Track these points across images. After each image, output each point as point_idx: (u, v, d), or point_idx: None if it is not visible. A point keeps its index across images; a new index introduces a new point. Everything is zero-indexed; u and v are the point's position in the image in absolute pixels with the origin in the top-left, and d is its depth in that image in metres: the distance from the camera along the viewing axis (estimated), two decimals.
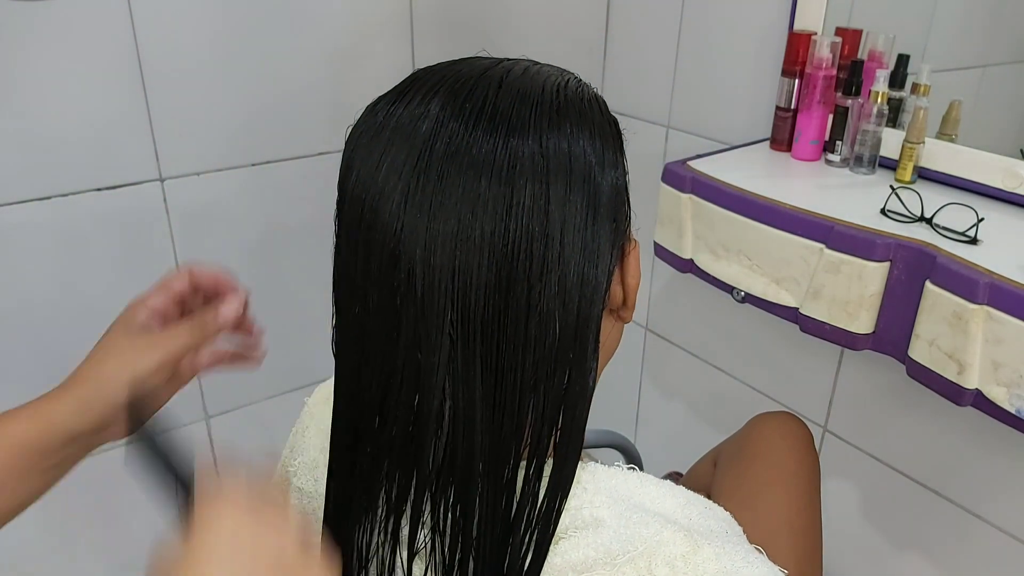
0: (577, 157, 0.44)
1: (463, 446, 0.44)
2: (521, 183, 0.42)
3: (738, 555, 0.46)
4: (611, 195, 0.46)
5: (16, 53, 0.94)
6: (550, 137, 0.44)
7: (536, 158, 0.43)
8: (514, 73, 0.47)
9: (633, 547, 0.45)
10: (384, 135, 0.45)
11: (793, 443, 0.87)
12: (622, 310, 0.51)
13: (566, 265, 0.43)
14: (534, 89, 0.46)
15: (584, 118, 0.46)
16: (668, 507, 0.49)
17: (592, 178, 0.45)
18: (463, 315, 0.42)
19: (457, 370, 0.43)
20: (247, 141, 1.13)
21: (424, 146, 0.43)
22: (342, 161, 0.47)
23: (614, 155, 0.47)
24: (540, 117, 0.44)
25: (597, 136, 0.46)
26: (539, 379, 0.44)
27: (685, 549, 0.45)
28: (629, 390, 1.63)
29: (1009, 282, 0.74)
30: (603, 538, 0.46)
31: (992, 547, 1.04)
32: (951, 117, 0.98)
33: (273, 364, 1.29)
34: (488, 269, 0.42)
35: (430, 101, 0.45)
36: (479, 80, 0.46)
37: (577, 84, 0.49)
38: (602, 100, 0.50)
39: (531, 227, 0.42)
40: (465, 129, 0.43)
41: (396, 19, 1.21)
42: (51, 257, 1.03)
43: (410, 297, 0.43)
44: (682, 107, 1.34)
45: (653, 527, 0.46)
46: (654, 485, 0.50)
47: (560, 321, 0.44)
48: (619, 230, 0.47)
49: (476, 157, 0.42)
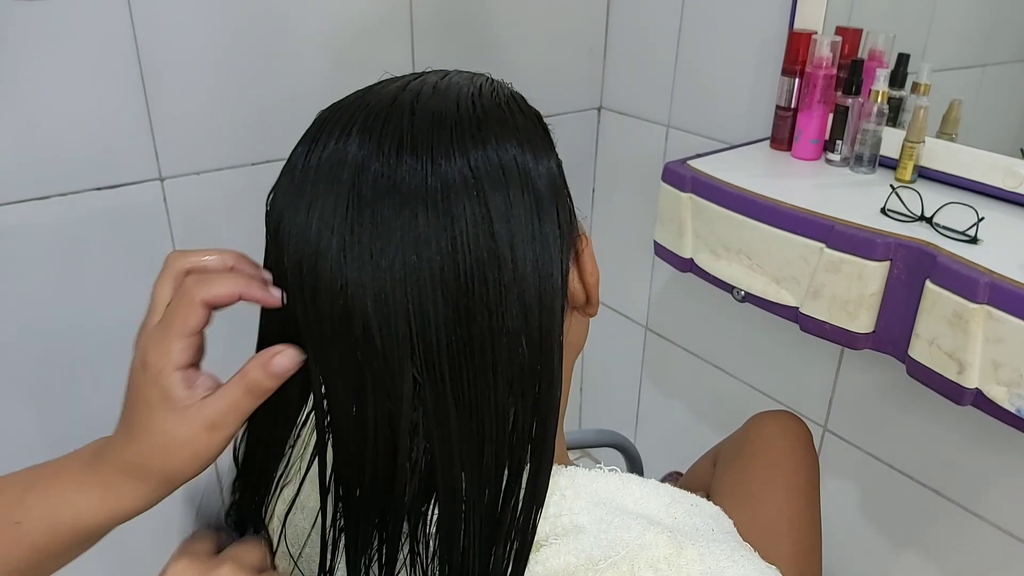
0: (508, 166, 0.43)
1: (443, 481, 0.43)
2: (459, 209, 0.41)
3: (723, 555, 0.46)
4: (551, 193, 0.44)
5: (16, 52, 0.94)
6: (476, 153, 0.42)
7: (468, 179, 0.41)
8: (424, 95, 0.45)
9: (615, 551, 0.45)
10: (306, 189, 0.42)
11: (793, 442, 0.86)
12: (586, 307, 0.50)
13: (523, 281, 0.42)
14: (448, 108, 0.44)
15: (506, 124, 0.44)
16: (652, 508, 0.48)
17: (529, 182, 0.43)
18: (426, 357, 0.41)
19: (429, 410, 0.42)
20: (247, 141, 1.13)
21: (350, 192, 0.41)
22: (267, 227, 0.45)
23: (545, 149, 0.46)
24: (462, 136, 0.42)
25: (524, 139, 0.44)
26: (514, 396, 0.44)
27: (668, 551, 0.45)
28: (629, 390, 1.63)
29: (1009, 281, 0.74)
30: (584, 544, 0.46)
31: (992, 547, 1.04)
32: (951, 116, 0.98)
33: None
34: (444, 305, 0.41)
35: (345, 143, 0.43)
36: (390, 111, 0.43)
37: (491, 88, 0.47)
38: (519, 96, 0.48)
39: (479, 253, 0.41)
40: (388, 166, 0.41)
41: (396, 19, 1.21)
42: (51, 257, 1.03)
43: (370, 350, 0.41)
44: (682, 107, 1.34)
45: (635, 530, 0.46)
46: (637, 485, 0.49)
47: (525, 338, 0.43)
48: (567, 230, 0.46)
49: (407, 193, 0.40)
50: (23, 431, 1.08)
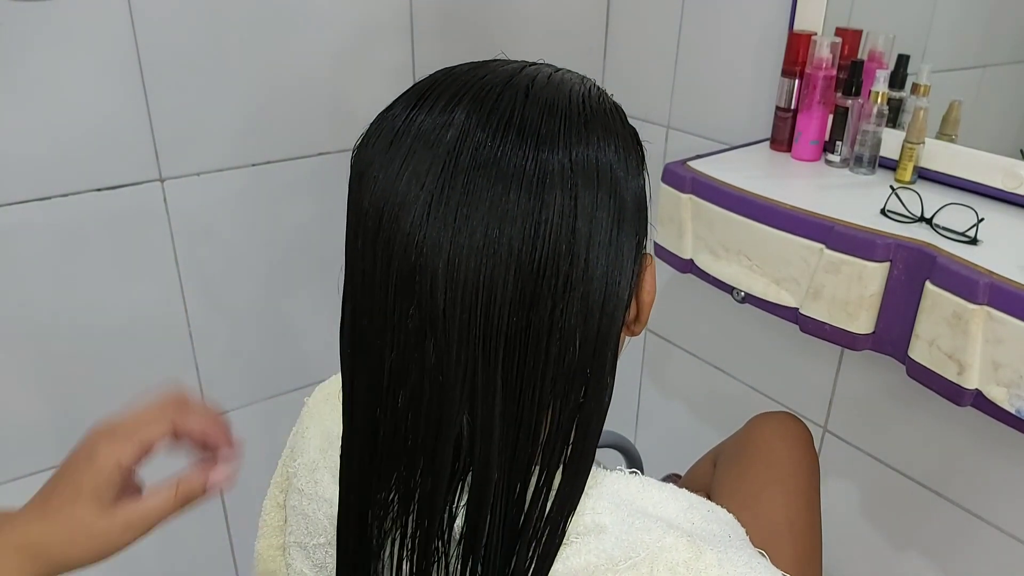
0: (604, 170, 0.44)
1: (480, 459, 0.44)
2: (550, 197, 0.41)
3: (741, 560, 0.46)
4: (634, 208, 0.45)
5: (16, 53, 0.94)
6: (578, 149, 0.43)
7: (565, 171, 0.42)
8: (539, 82, 0.46)
9: (635, 553, 0.45)
10: (404, 141, 0.43)
11: (793, 443, 0.86)
12: (634, 325, 0.51)
13: (589, 283, 0.43)
14: (561, 99, 0.45)
15: (609, 130, 0.45)
16: (671, 512, 0.49)
17: (618, 191, 0.44)
18: (486, 331, 0.42)
19: (477, 386, 0.43)
20: (247, 141, 1.13)
21: (449, 156, 0.41)
22: (352, 169, 0.46)
23: (637, 166, 0.47)
24: (569, 129, 0.43)
25: (621, 147, 0.45)
26: (557, 395, 0.44)
27: (687, 555, 0.45)
28: (629, 390, 1.63)
29: (1009, 282, 0.74)
30: (605, 544, 0.46)
31: (992, 547, 1.04)
32: (951, 117, 0.98)
33: (273, 364, 1.29)
34: (514, 285, 0.41)
35: (454, 109, 0.43)
36: (505, 88, 0.44)
37: (599, 93, 0.48)
38: (622, 110, 0.49)
39: (559, 243, 0.42)
40: (493, 140, 0.42)
41: (396, 19, 1.21)
42: (51, 258, 1.03)
43: (432, 312, 0.42)
44: (682, 107, 1.34)
45: (655, 533, 0.46)
46: (656, 489, 0.50)
47: (581, 338, 0.44)
48: (640, 245, 0.47)
49: (505, 169, 0.41)
50: (23, 431, 1.08)
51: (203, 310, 1.17)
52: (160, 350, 1.15)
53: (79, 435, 0.49)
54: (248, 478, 1.46)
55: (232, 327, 1.22)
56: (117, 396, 0.48)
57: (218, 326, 1.19)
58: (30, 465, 1.08)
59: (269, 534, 0.68)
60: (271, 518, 0.67)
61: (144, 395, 0.49)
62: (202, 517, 1.28)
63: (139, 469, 0.49)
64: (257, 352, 1.25)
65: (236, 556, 1.34)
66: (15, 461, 1.08)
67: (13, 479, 1.08)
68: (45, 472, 1.16)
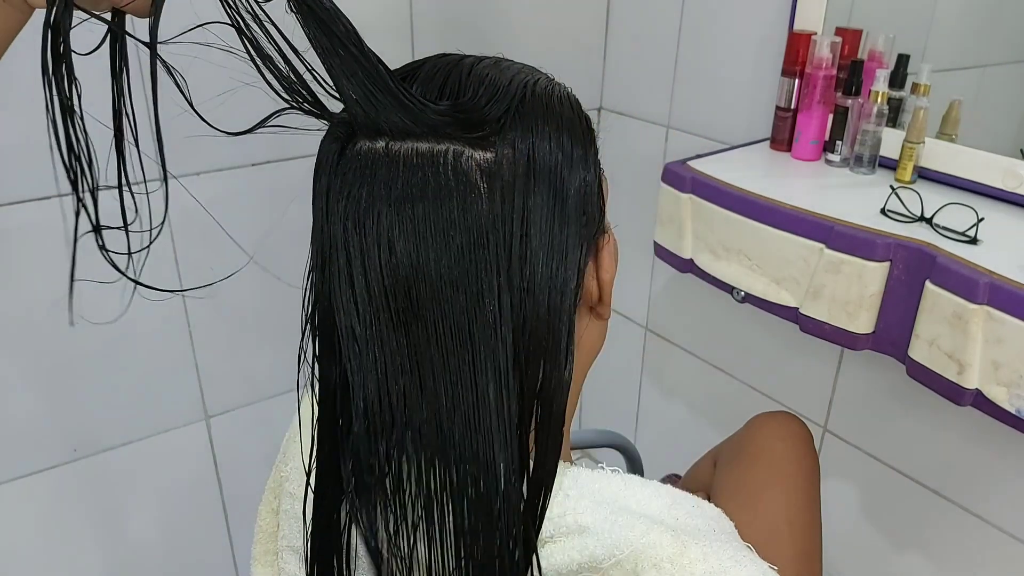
0: (543, 155, 0.44)
1: (446, 443, 0.44)
2: (479, 195, 0.42)
3: (726, 555, 0.46)
4: (579, 192, 0.45)
5: (16, 53, 0.94)
6: (514, 133, 0.44)
7: (501, 162, 0.43)
8: (486, 63, 0.47)
9: (619, 550, 0.45)
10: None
11: (793, 443, 0.86)
12: (599, 307, 0.51)
13: (533, 261, 0.43)
14: (501, 81, 0.46)
15: (551, 113, 0.46)
16: (654, 508, 0.48)
17: (559, 175, 0.44)
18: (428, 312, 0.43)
19: (436, 368, 0.43)
20: (247, 141, 1.13)
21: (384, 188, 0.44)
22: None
23: (584, 151, 0.47)
24: (507, 113, 0.44)
25: (564, 132, 0.46)
26: (514, 372, 0.44)
27: (672, 551, 0.45)
28: (629, 390, 1.63)
29: (1009, 282, 0.74)
30: (588, 543, 0.46)
31: (992, 547, 1.04)
32: (951, 117, 0.98)
33: (273, 364, 1.29)
34: (457, 264, 0.42)
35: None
36: (453, 68, 0.46)
37: (548, 83, 0.48)
38: (574, 98, 0.49)
39: (496, 224, 0.42)
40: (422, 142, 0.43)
41: (396, 18, 1.21)
42: (51, 258, 1.03)
43: (370, 296, 0.44)
44: (682, 107, 1.34)
45: (639, 529, 0.46)
46: (639, 486, 0.49)
47: (531, 314, 0.44)
48: (590, 225, 0.47)
49: (436, 188, 0.42)
50: (23, 431, 1.08)
51: (203, 310, 1.17)
52: (160, 350, 1.15)
53: (79, 435, 0.49)
54: (248, 479, 1.46)
55: (232, 327, 1.21)
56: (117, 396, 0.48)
57: (218, 326, 1.19)
58: (30, 465, 1.08)
59: (265, 539, 0.68)
60: (266, 523, 0.67)
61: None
62: (203, 519, 1.28)
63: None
64: (257, 352, 1.25)
65: (236, 556, 1.35)
66: (15, 461, 1.08)
67: (13, 479, 1.08)
68: (45, 472, 1.16)
